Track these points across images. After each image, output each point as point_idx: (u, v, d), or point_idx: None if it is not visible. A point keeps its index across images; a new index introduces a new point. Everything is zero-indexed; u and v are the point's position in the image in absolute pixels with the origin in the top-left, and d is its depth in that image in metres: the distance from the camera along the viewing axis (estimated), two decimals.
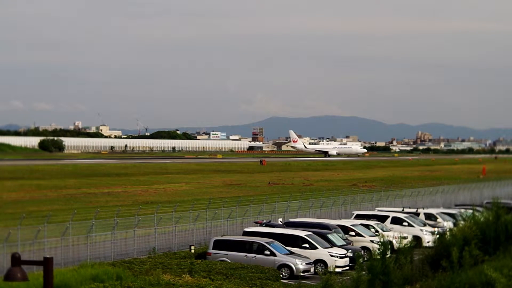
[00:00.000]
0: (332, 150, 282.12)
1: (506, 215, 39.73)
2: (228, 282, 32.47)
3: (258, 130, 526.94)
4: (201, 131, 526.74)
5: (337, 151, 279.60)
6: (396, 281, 29.20)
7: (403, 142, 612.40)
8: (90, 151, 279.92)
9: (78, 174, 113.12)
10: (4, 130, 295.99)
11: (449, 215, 57.30)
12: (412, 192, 72.31)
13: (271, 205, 54.88)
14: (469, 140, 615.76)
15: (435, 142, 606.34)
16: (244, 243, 39.40)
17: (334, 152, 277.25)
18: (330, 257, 39.86)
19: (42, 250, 35.19)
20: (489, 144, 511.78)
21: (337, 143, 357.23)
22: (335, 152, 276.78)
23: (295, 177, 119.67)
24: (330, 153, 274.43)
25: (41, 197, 74.48)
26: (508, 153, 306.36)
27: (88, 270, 31.63)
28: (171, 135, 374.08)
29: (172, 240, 43.36)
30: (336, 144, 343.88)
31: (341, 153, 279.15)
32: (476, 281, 28.01)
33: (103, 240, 39.10)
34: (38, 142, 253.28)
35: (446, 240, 35.79)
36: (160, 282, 30.38)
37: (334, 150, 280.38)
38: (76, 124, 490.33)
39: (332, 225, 45.93)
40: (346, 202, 61.23)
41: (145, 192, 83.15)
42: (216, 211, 48.25)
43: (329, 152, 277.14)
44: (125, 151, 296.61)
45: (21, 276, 12.42)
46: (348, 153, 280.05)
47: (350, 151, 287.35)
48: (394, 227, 51.02)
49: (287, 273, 37.61)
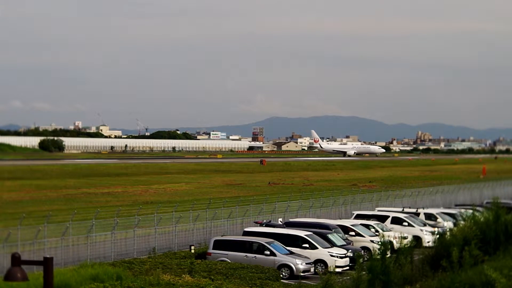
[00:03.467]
0: (351, 150, 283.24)
1: (506, 215, 39.72)
2: (228, 282, 32.47)
3: (258, 130, 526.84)
4: (201, 131, 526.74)
5: (355, 151, 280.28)
6: (396, 281, 29.20)
7: (403, 142, 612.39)
8: (90, 151, 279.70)
9: (78, 174, 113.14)
10: (4, 130, 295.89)
11: (449, 215, 57.29)
12: (412, 192, 72.30)
13: (271, 205, 54.88)
14: (469, 140, 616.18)
15: (435, 142, 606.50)
16: (244, 243, 39.40)
17: (352, 152, 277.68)
18: (330, 257, 39.85)
19: (42, 250, 35.17)
20: (489, 144, 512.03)
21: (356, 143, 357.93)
22: (353, 152, 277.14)
23: (295, 177, 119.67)
24: (348, 153, 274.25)
25: (41, 197, 74.48)
26: (508, 153, 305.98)
27: (88, 270, 31.62)
28: (171, 135, 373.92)
29: (172, 240, 43.35)
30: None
31: (360, 152, 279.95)
32: (476, 281, 27.99)
33: (103, 240, 39.09)
34: (38, 142, 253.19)
35: (446, 240, 35.78)
36: (160, 282, 30.37)
37: (352, 150, 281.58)
38: (76, 124, 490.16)
39: (332, 225, 45.93)
40: (346, 202, 61.22)
41: (145, 192, 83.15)
42: (216, 211, 48.24)
43: (347, 152, 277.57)
44: (125, 151, 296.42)
45: (21, 276, 12.41)
46: (367, 153, 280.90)
47: (368, 150, 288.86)
48: (394, 227, 51.01)
49: (287, 273, 37.61)
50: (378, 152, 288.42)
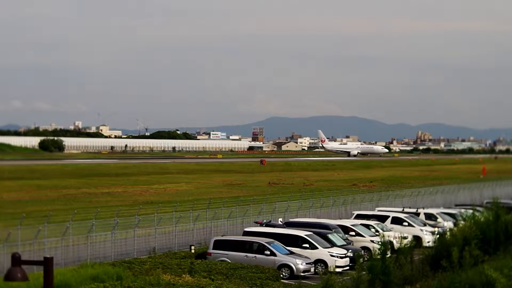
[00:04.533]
0: (354, 150, 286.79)
1: (506, 215, 39.78)
2: (228, 282, 32.46)
3: (258, 130, 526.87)
4: (201, 131, 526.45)
5: (358, 151, 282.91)
6: (396, 281, 29.22)
7: (403, 142, 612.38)
8: (90, 151, 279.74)
9: (78, 174, 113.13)
10: (4, 130, 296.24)
11: (449, 215, 57.28)
12: (412, 192, 72.30)
13: (271, 205, 54.87)
14: (469, 140, 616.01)
15: (435, 142, 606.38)
16: (244, 243, 39.39)
17: (355, 152, 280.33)
18: (330, 257, 39.84)
19: (42, 250, 35.16)
20: (489, 144, 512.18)
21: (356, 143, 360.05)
22: (356, 152, 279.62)
23: (295, 177, 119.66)
24: (351, 153, 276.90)
25: (41, 197, 74.48)
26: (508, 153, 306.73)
27: (88, 270, 31.62)
28: (171, 135, 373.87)
29: (172, 240, 43.34)
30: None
31: (364, 152, 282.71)
32: (476, 281, 28.00)
33: (103, 240, 39.07)
34: (38, 142, 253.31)
35: (446, 240, 35.79)
36: (160, 282, 30.36)
37: (356, 150, 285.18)
38: (76, 124, 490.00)
39: (332, 225, 45.91)
40: (346, 202, 61.20)
41: (145, 192, 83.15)
42: (216, 211, 48.24)
43: (351, 152, 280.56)
44: (125, 151, 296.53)
45: (21, 276, 12.41)
46: (371, 153, 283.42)
47: (372, 150, 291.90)
48: (394, 227, 51.00)
49: (287, 273, 37.60)
50: (382, 152, 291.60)
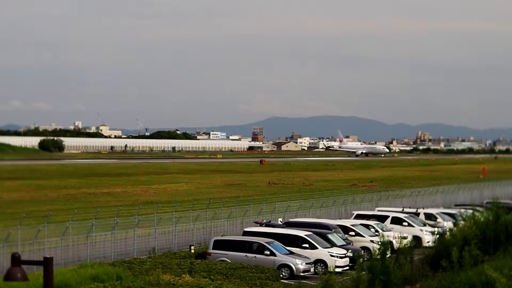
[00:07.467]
0: (359, 150, 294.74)
1: (506, 215, 39.71)
2: (228, 282, 32.46)
3: (258, 130, 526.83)
4: (201, 131, 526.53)
5: (363, 151, 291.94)
6: (396, 281, 29.21)
7: (403, 142, 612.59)
8: (90, 151, 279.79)
9: (78, 174, 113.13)
10: (4, 130, 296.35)
11: (449, 215, 57.28)
12: (412, 192, 72.29)
13: (271, 205, 54.87)
14: (469, 140, 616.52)
15: (435, 142, 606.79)
16: (244, 243, 39.38)
17: (359, 152, 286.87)
18: (330, 257, 39.83)
19: (42, 250, 35.16)
20: (489, 144, 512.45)
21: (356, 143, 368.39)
22: (360, 152, 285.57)
23: (295, 177, 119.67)
24: (356, 153, 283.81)
25: (41, 197, 74.48)
26: (508, 153, 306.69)
27: (88, 270, 31.60)
28: (171, 135, 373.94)
29: (172, 240, 43.34)
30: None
31: (369, 152, 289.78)
32: (476, 281, 27.99)
33: (103, 240, 39.07)
34: (38, 142, 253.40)
35: (446, 240, 35.77)
36: (160, 282, 30.37)
37: (360, 150, 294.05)
38: (76, 124, 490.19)
39: (332, 225, 45.91)
40: (346, 202, 61.22)
41: (145, 192, 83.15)
42: (216, 211, 48.25)
43: (356, 152, 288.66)
44: (125, 151, 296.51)
45: (21, 276, 12.41)
46: (374, 153, 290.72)
47: (375, 150, 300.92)
48: (394, 227, 51.00)
49: (287, 273, 37.59)
50: (384, 152, 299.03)
